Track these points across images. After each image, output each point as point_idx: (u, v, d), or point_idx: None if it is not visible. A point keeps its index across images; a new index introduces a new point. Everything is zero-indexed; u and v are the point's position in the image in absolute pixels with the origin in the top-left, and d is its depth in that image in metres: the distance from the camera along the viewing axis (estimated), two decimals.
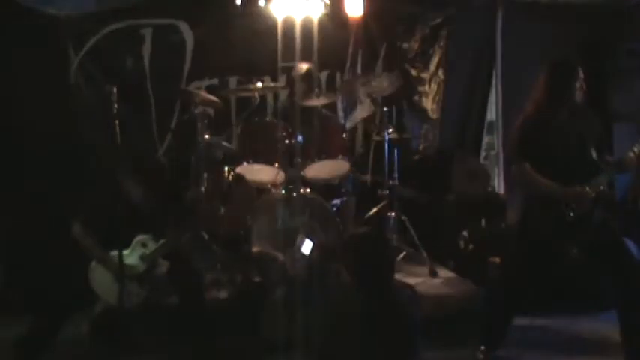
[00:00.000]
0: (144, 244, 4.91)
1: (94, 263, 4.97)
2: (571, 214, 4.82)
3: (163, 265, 5.08)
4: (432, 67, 7.50)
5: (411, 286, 3.75)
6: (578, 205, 4.83)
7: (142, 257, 4.97)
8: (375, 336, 3.39)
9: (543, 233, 4.93)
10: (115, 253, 4.86)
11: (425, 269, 6.33)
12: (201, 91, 6.75)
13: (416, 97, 7.54)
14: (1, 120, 6.68)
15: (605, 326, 5.56)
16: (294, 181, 6.04)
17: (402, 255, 6.38)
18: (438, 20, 7.46)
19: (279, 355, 5.02)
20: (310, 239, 3.83)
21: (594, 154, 4.89)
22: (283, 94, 6.99)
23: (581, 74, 4.90)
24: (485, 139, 7.81)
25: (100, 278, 4.96)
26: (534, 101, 5.02)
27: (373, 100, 7.12)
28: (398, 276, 4.93)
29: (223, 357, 4.19)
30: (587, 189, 4.80)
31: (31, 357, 5.07)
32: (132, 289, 4.93)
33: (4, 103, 6.69)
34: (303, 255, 3.81)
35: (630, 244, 5.37)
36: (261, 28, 6.98)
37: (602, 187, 4.86)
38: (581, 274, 5.73)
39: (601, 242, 4.92)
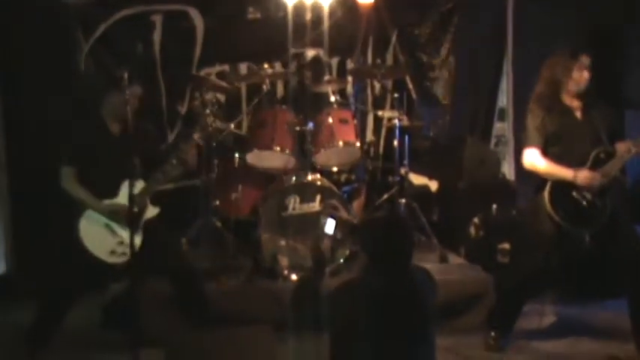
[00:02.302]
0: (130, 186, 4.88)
1: (83, 219, 4.94)
2: (584, 201, 4.83)
3: (151, 211, 5.09)
4: (443, 53, 7.47)
5: (427, 271, 3.73)
6: (588, 190, 4.83)
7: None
8: (391, 318, 3.40)
9: (554, 219, 4.93)
10: (107, 201, 4.94)
11: (435, 256, 6.32)
12: (212, 78, 6.75)
13: (427, 84, 7.51)
14: (12, 109, 6.74)
15: (614, 313, 5.57)
16: (304, 167, 6.04)
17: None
18: (449, 6, 7.43)
19: (290, 340, 5.04)
20: (333, 218, 3.82)
21: (606, 140, 4.88)
22: (294, 81, 6.98)
23: (585, 61, 4.88)
24: (497, 126, 7.79)
25: (91, 233, 4.94)
26: (539, 88, 5.07)
27: (383, 87, 7.11)
28: None
29: (231, 345, 4.19)
30: (601, 172, 4.81)
31: (40, 342, 5.11)
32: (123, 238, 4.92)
33: (15, 90, 6.73)
34: (327, 234, 3.81)
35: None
36: (271, 14, 7.01)
37: (613, 174, 4.85)
38: (589, 261, 5.69)
39: (612, 230, 4.92)
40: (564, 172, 4.89)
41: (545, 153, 4.96)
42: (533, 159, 4.99)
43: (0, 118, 6.81)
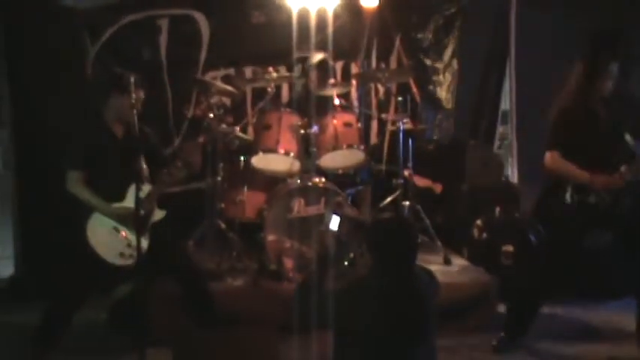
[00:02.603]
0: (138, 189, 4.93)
1: (90, 221, 4.99)
2: (602, 204, 4.87)
3: (158, 214, 5.14)
4: (446, 57, 7.51)
5: (430, 272, 3.79)
6: (606, 193, 4.87)
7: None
8: (394, 318, 3.45)
9: (573, 221, 4.98)
10: (115, 204, 4.99)
11: (439, 257, 6.38)
12: (217, 81, 6.80)
13: (430, 87, 7.55)
14: (20, 112, 6.80)
15: (618, 315, 5.60)
16: (309, 170, 6.09)
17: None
18: (453, 10, 7.46)
19: (294, 341, 5.08)
20: (337, 214, 3.86)
21: (630, 141, 4.92)
22: (299, 84, 7.03)
23: (615, 68, 4.92)
24: (500, 129, 7.83)
25: (98, 236, 4.99)
26: (565, 91, 5.08)
27: (387, 90, 7.16)
28: None
29: (236, 345, 4.24)
30: (618, 176, 4.84)
31: (48, 342, 5.16)
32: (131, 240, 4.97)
33: (23, 94, 6.79)
34: (331, 231, 3.84)
35: None
36: (276, 18, 7.05)
37: (632, 177, 4.86)
38: (594, 262, 5.72)
39: (628, 231, 4.95)
40: (582, 175, 4.92)
41: (568, 153, 4.99)
42: (555, 161, 5.02)
43: (9, 122, 6.88)
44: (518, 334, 5.29)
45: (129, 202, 4.96)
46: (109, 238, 4.99)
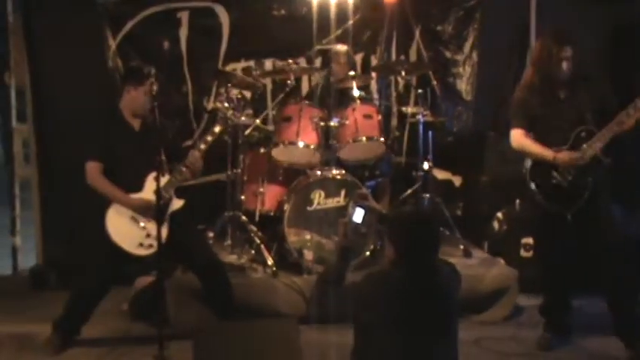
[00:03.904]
0: (155, 179, 4.96)
1: (109, 212, 5.03)
2: (564, 182, 4.88)
3: (177, 204, 5.18)
4: (466, 49, 7.48)
5: (452, 265, 3.78)
6: (568, 170, 4.88)
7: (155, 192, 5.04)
8: (415, 310, 3.45)
9: (536, 198, 5.02)
10: (134, 195, 5.04)
11: (459, 250, 6.38)
12: (238, 73, 6.82)
13: (450, 79, 7.53)
14: (41, 106, 6.85)
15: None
16: (329, 162, 6.10)
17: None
18: (472, 2, 7.42)
19: (314, 333, 5.11)
20: (362, 207, 3.85)
21: (591, 120, 4.89)
22: (319, 76, 7.04)
23: (568, 52, 4.86)
24: None
25: (118, 226, 5.03)
26: (525, 72, 5.19)
27: (407, 83, 7.15)
28: None
29: (257, 336, 4.26)
30: (581, 153, 4.83)
31: (70, 333, 5.21)
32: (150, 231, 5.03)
33: (45, 87, 6.85)
34: (355, 223, 3.84)
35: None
36: (296, 10, 7.06)
37: (593, 153, 4.84)
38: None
39: (591, 212, 4.91)
40: (545, 152, 4.94)
41: (530, 134, 5.04)
42: (518, 139, 5.08)
43: (31, 114, 6.94)
44: (554, 329, 5.25)
45: (147, 192, 5.05)
46: (128, 229, 5.04)
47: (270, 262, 5.85)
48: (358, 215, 3.86)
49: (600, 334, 5.21)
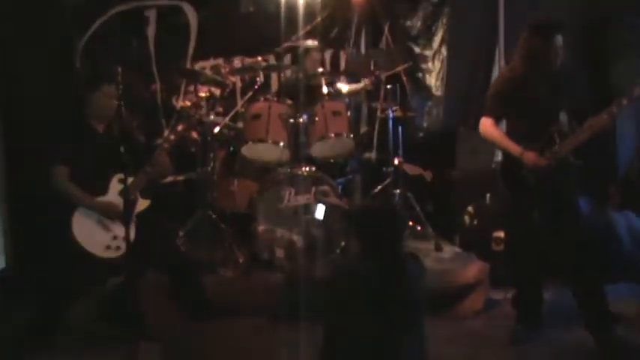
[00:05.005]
0: (120, 180, 4.92)
1: (75, 216, 5.01)
2: (530, 179, 4.89)
3: (142, 204, 5.15)
4: (435, 44, 7.50)
5: (417, 258, 3.79)
6: (533, 170, 4.86)
7: (120, 194, 5.00)
8: (381, 303, 3.46)
9: (504, 191, 5.06)
10: (98, 199, 5.01)
11: (430, 245, 6.39)
12: (206, 72, 6.79)
13: (419, 75, 7.55)
14: (7, 108, 6.77)
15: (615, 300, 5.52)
16: (299, 159, 6.08)
17: (407, 231, 6.42)
18: None
19: (283, 331, 5.09)
20: (323, 203, 3.86)
21: (564, 120, 4.88)
22: (287, 73, 7.02)
23: (559, 40, 4.82)
24: None
25: (84, 229, 5.01)
26: (511, 62, 5.08)
27: (376, 78, 7.14)
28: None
29: (229, 336, 4.24)
30: (549, 156, 4.81)
31: (40, 338, 5.14)
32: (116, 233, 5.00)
33: (11, 88, 6.77)
34: (317, 220, 3.85)
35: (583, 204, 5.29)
36: (265, 7, 7.04)
37: (563, 155, 4.82)
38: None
39: (556, 213, 4.94)
40: (513, 148, 4.90)
41: (505, 125, 5.04)
42: (487, 128, 5.05)
43: None
44: (528, 321, 5.26)
45: (111, 195, 5.04)
46: (95, 232, 5.01)
47: (241, 260, 5.83)
48: (320, 212, 3.87)
49: (572, 326, 5.20)
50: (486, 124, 5.05)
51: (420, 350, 3.58)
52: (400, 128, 6.65)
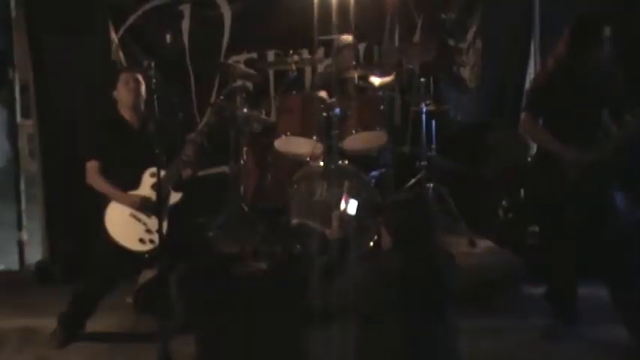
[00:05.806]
0: (153, 175, 4.96)
1: (108, 209, 5.08)
2: (569, 177, 4.79)
3: (175, 196, 5.17)
4: (470, 36, 7.43)
5: (449, 253, 3.77)
6: (573, 168, 4.78)
7: (153, 187, 5.03)
8: (411, 298, 3.45)
9: (539, 187, 4.98)
10: (131, 192, 5.06)
11: (464, 240, 6.35)
12: (240, 65, 6.81)
13: (454, 68, 7.49)
14: (45, 102, 6.85)
15: None
16: (332, 153, 6.07)
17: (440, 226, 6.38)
18: None
19: (317, 325, 5.09)
20: (356, 199, 3.85)
21: (606, 117, 4.80)
22: (321, 67, 7.02)
23: (607, 32, 4.72)
24: None
25: (117, 223, 5.07)
26: (556, 54, 4.95)
27: (410, 71, 7.10)
28: None
29: (262, 329, 4.25)
30: (588, 156, 4.73)
31: (75, 328, 5.22)
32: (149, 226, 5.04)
33: (48, 81, 6.84)
34: (349, 216, 3.84)
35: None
36: (298, 1, 7.03)
37: (605, 154, 4.74)
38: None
39: (590, 211, 4.86)
40: (554, 146, 4.82)
41: (548, 119, 4.92)
42: (529, 124, 5.00)
43: (33, 109, 6.94)
44: (563, 317, 5.21)
45: (144, 189, 5.10)
46: (128, 226, 5.07)
47: (274, 253, 5.83)
48: (352, 206, 3.85)
49: (608, 322, 5.14)
50: (528, 120, 4.99)
51: (454, 345, 3.56)
52: (434, 122, 6.60)
